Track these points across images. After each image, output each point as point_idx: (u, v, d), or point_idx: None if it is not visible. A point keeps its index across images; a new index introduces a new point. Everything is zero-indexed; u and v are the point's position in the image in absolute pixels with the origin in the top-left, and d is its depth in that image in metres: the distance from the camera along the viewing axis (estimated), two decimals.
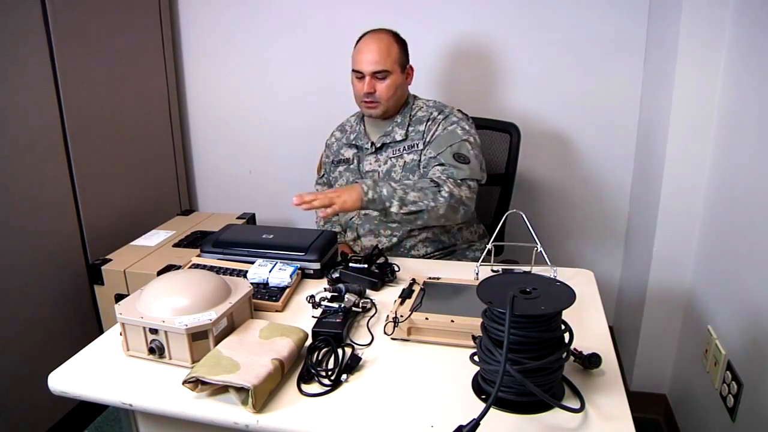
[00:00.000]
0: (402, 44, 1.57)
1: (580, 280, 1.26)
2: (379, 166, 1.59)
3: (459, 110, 1.59)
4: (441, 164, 1.46)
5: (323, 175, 1.78)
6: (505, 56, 2.05)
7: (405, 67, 1.57)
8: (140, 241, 1.86)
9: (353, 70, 1.54)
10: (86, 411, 1.84)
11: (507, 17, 2.01)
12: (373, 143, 1.60)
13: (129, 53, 2.02)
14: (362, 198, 1.31)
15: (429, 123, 1.55)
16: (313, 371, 0.93)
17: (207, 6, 2.25)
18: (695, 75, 1.52)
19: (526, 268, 1.29)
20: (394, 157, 1.57)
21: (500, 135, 1.82)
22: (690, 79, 1.52)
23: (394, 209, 1.34)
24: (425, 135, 1.55)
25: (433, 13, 2.05)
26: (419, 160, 1.53)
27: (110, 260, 1.72)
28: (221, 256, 1.37)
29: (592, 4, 1.93)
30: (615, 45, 1.95)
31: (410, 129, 1.57)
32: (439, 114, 1.56)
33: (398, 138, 1.57)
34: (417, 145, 1.55)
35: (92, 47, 1.82)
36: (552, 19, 1.97)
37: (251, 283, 1.17)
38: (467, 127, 1.53)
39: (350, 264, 1.28)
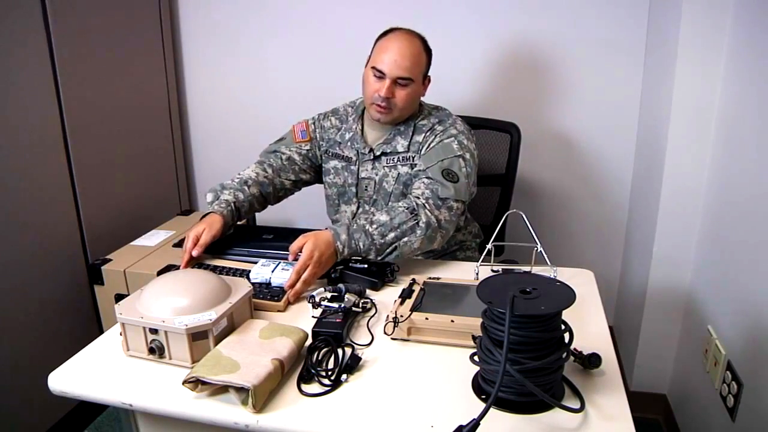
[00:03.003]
0: (429, 54, 1.47)
1: (580, 280, 1.26)
2: (376, 174, 1.50)
3: (461, 121, 1.50)
4: (428, 178, 1.37)
5: (311, 149, 1.59)
6: (505, 56, 2.05)
7: (425, 78, 1.48)
8: (140, 241, 1.86)
9: (373, 68, 1.40)
10: (86, 411, 1.84)
11: (506, 17, 2.01)
12: (372, 150, 1.50)
13: (129, 53, 2.01)
14: (337, 254, 1.26)
15: (427, 133, 1.46)
16: (313, 371, 0.93)
17: (207, 6, 2.25)
18: (695, 75, 1.52)
19: (526, 268, 1.29)
20: (388, 166, 1.48)
21: (500, 135, 1.82)
22: (690, 79, 1.52)
23: (371, 257, 1.28)
24: (421, 147, 1.46)
25: (433, 13, 2.05)
26: (413, 174, 1.45)
27: (110, 260, 1.72)
28: (221, 256, 1.37)
29: (592, 4, 1.93)
30: (615, 45, 1.95)
31: (417, 140, 1.47)
32: (438, 124, 1.47)
33: (400, 149, 1.47)
34: (413, 157, 1.46)
35: (92, 47, 1.82)
36: (552, 19, 1.97)
37: (254, 283, 1.17)
38: (465, 142, 1.43)
39: (350, 264, 1.28)
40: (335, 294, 1.13)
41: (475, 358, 0.90)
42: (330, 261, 1.25)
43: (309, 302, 1.14)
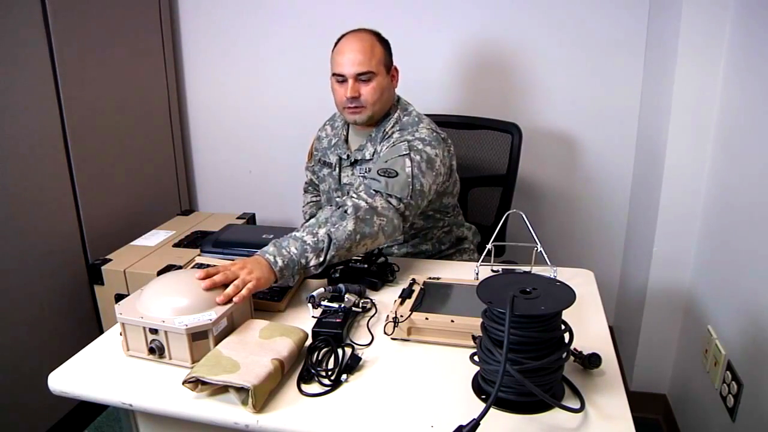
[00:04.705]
0: (385, 44, 1.45)
1: (580, 280, 1.26)
2: (355, 180, 1.48)
3: (427, 129, 1.41)
4: (368, 177, 1.31)
5: (313, 165, 1.69)
6: (506, 56, 2.05)
7: (390, 69, 1.45)
8: (140, 241, 1.86)
9: (333, 74, 1.42)
10: (86, 411, 1.84)
11: (507, 18, 2.01)
12: (348, 156, 1.51)
13: (129, 53, 2.02)
14: (273, 269, 1.10)
15: (386, 142, 1.43)
16: (313, 371, 0.93)
17: (207, 6, 2.25)
18: (695, 75, 1.52)
19: (526, 268, 1.29)
20: (361, 175, 1.45)
21: (502, 135, 1.82)
22: (690, 79, 1.52)
23: (313, 263, 1.15)
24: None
25: (435, 14, 2.05)
26: None
27: (110, 260, 1.72)
28: (221, 256, 1.37)
29: (592, 4, 1.93)
30: (615, 45, 1.95)
31: (377, 148, 1.45)
32: (399, 132, 1.42)
33: (368, 156, 1.46)
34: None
35: (92, 47, 1.82)
36: (552, 20, 1.97)
37: None
38: (420, 146, 1.35)
39: (350, 264, 1.28)
40: (335, 294, 1.14)
41: (475, 358, 0.90)
42: (265, 275, 1.09)
43: (309, 302, 1.14)
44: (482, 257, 1.29)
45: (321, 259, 1.15)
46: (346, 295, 1.13)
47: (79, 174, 1.77)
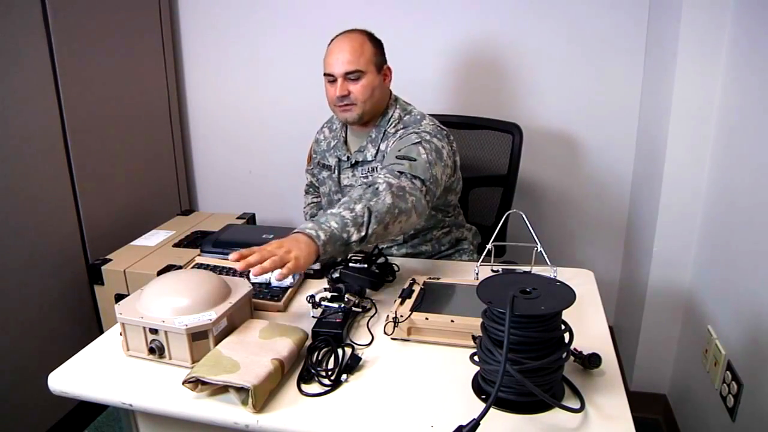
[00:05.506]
0: (376, 43, 1.45)
1: (580, 280, 1.26)
2: (356, 181, 1.50)
3: (432, 125, 1.43)
4: (384, 167, 1.31)
5: (312, 167, 1.69)
6: (507, 56, 2.05)
7: (381, 68, 1.45)
8: (140, 241, 1.86)
9: (325, 74, 1.43)
10: (86, 411, 1.84)
11: (508, 18, 2.01)
12: (348, 158, 1.51)
13: (129, 53, 2.02)
14: (316, 243, 1.03)
15: (391, 139, 1.44)
16: (313, 371, 0.93)
17: (207, 6, 2.25)
18: (695, 75, 1.52)
19: (526, 268, 1.29)
20: (363, 176, 1.48)
21: (502, 135, 1.82)
22: (690, 79, 1.52)
23: (354, 237, 1.08)
24: (385, 153, 1.43)
25: (435, 13, 2.05)
26: None
27: (110, 260, 1.72)
28: (221, 256, 1.37)
29: (592, 4, 1.93)
30: (615, 45, 1.95)
31: (381, 148, 1.46)
32: (403, 129, 1.43)
33: (369, 158, 1.47)
34: (378, 167, 1.44)
35: (92, 47, 1.82)
36: (553, 20, 1.97)
37: (254, 283, 1.17)
38: (427, 137, 1.36)
39: (350, 264, 1.28)
40: (335, 294, 1.13)
41: (475, 358, 0.90)
42: (306, 252, 1.02)
43: (309, 302, 1.14)
44: (482, 257, 1.29)
45: (363, 233, 1.09)
46: (346, 295, 1.12)
47: (79, 174, 1.77)
